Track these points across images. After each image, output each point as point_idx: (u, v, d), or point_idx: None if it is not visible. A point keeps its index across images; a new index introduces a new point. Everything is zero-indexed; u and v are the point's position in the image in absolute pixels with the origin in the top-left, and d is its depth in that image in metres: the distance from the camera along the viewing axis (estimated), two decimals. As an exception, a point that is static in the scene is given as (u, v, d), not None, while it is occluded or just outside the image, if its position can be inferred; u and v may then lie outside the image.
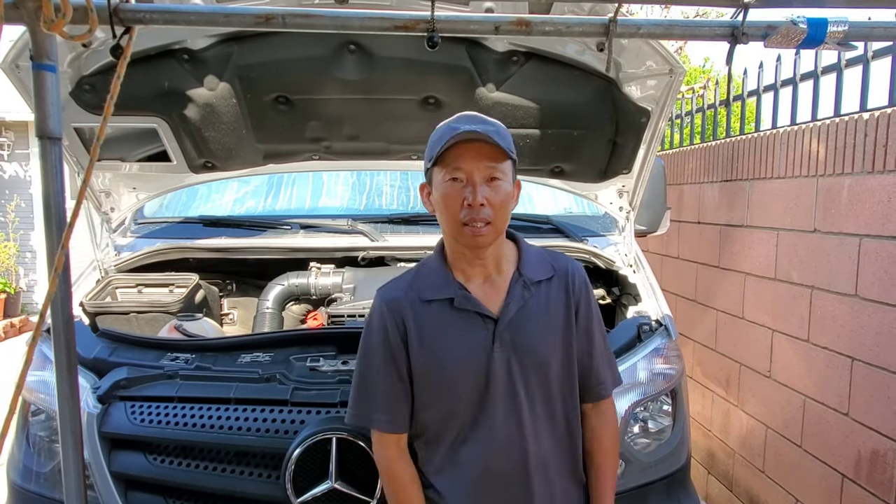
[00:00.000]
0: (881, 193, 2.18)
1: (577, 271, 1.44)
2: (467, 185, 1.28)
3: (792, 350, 2.70)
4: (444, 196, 1.30)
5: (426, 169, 1.36)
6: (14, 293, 8.03)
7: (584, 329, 1.42)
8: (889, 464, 2.14)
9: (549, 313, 1.37)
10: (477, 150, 1.27)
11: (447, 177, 1.29)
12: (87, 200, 2.46)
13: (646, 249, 3.59)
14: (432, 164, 1.31)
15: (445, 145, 1.27)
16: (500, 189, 1.30)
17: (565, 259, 1.46)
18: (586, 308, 1.43)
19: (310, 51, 2.01)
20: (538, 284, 1.38)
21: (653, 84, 2.07)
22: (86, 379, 1.79)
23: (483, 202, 1.27)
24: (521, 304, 1.35)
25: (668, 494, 1.87)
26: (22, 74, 1.86)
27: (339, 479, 1.56)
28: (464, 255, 1.37)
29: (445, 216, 1.32)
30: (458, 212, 1.29)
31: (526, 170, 2.50)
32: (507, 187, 1.32)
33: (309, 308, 2.65)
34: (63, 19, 1.14)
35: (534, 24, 1.31)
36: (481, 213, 1.27)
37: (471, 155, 1.28)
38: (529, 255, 1.42)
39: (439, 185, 1.31)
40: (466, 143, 1.27)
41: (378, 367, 1.37)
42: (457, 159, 1.28)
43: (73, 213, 1.21)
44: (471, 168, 1.28)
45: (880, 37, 1.43)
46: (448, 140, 1.26)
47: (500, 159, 1.30)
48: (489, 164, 1.28)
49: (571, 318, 1.39)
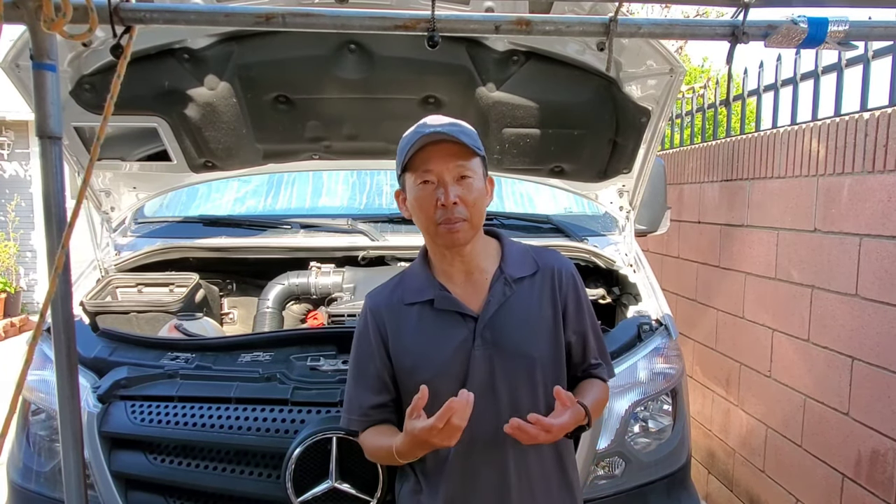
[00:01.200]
0: (881, 193, 2.18)
1: (565, 268, 1.43)
2: (439, 186, 1.29)
3: (792, 350, 2.70)
4: (418, 199, 1.31)
5: (398, 176, 1.37)
6: (14, 293, 8.03)
7: (576, 326, 1.42)
8: (889, 463, 2.14)
9: (531, 310, 1.37)
10: (444, 150, 1.29)
11: (418, 180, 1.30)
12: (88, 200, 2.46)
13: (646, 249, 3.59)
14: (403, 171, 1.33)
15: (412, 149, 1.28)
16: (472, 187, 1.31)
17: (552, 256, 1.46)
18: (576, 304, 1.42)
19: (310, 50, 2.01)
20: (520, 281, 1.38)
21: (653, 84, 2.07)
22: (86, 378, 1.79)
23: (456, 200, 1.28)
24: (501, 301, 1.35)
25: (669, 494, 1.88)
26: (22, 74, 1.86)
27: (339, 479, 1.56)
28: (444, 255, 1.37)
29: (421, 218, 1.33)
30: (432, 213, 1.30)
31: (526, 169, 2.50)
32: (479, 184, 1.32)
33: (309, 307, 2.65)
34: (63, 18, 1.14)
35: (534, 24, 1.31)
36: (455, 211, 1.28)
37: (439, 156, 1.29)
38: (512, 253, 1.42)
39: (412, 189, 1.32)
40: (433, 146, 1.28)
41: (364, 373, 1.39)
42: (425, 162, 1.29)
43: (73, 213, 1.20)
44: (440, 169, 1.29)
45: (881, 36, 1.43)
46: (414, 143, 1.28)
47: (468, 157, 1.31)
48: (458, 164, 1.29)
49: (559, 314, 1.39)
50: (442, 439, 1.16)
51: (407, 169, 1.32)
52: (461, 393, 1.15)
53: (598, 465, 1.80)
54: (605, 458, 1.80)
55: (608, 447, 1.79)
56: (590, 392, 1.41)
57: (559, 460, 1.42)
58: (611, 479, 1.81)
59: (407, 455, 1.27)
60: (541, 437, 1.19)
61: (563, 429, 1.23)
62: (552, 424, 1.19)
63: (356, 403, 1.40)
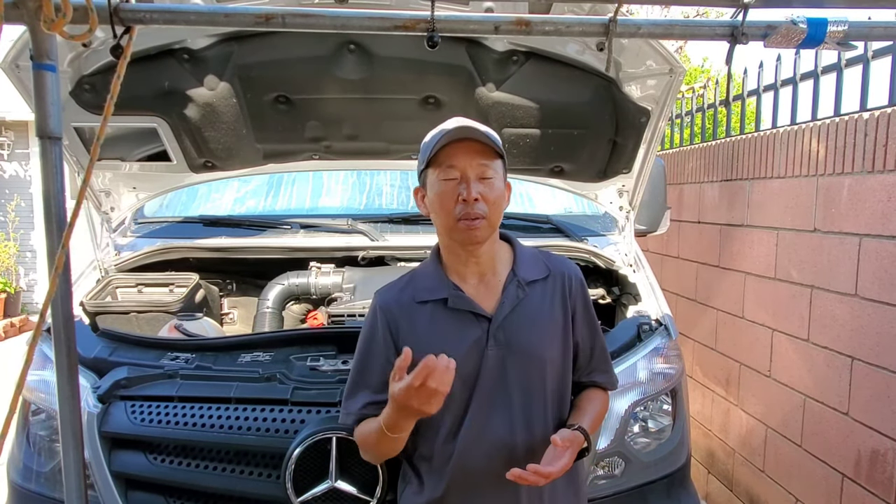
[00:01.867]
0: (881, 193, 2.18)
1: (574, 273, 1.45)
2: (461, 181, 1.30)
3: (792, 349, 2.70)
4: (440, 194, 1.31)
5: (420, 172, 1.38)
6: (14, 293, 8.03)
7: (583, 332, 1.43)
8: (889, 463, 2.14)
9: (544, 312, 1.38)
10: (469, 148, 1.30)
11: (441, 175, 1.31)
12: (87, 200, 2.46)
13: (646, 249, 3.59)
14: (426, 166, 1.33)
15: (438, 145, 1.29)
16: (494, 186, 1.32)
17: (561, 260, 1.47)
18: (584, 311, 1.44)
19: (310, 50, 2.01)
20: (532, 284, 1.39)
21: (653, 84, 2.07)
22: (86, 378, 1.79)
23: (477, 197, 1.29)
24: (515, 303, 1.36)
25: (668, 494, 1.88)
26: (22, 74, 1.86)
27: (339, 479, 1.56)
28: (458, 255, 1.37)
29: (441, 214, 1.33)
30: (452, 208, 1.30)
31: (526, 169, 2.50)
32: (500, 185, 1.34)
33: (309, 308, 2.65)
34: (63, 19, 1.14)
35: (534, 24, 1.31)
36: (476, 207, 1.29)
37: (464, 153, 1.30)
38: (524, 256, 1.43)
39: (434, 184, 1.33)
40: (458, 143, 1.29)
41: (368, 370, 1.38)
42: (450, 157, 1.30)
43: (73, 213, 1.20)
44: (464, 165, 1.30)
45: (880, 36, 1.43)
46: (440, 140, 1.29)
47: (492, 157, 1.32)
48: (482, 162, 1.30)
49: (568, 319, 1.40)
50: (420, 402, 1.15)
51: (430, 164, 1.32)
52: (441, 357, 1.15)
53: (598, 465, 1.80)
54: (605, 458, 1.80)
55: (608, 447, 1.79)
56: (590, 407, 1.43)
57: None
58: (610, 479, 1.81)
59: (393, 426, 1.25)
60: (542, 481, 1.22)
61: (564, 468, 1.25)
62: (552, 472, 1.22)
63: (355, 401, 1.39)
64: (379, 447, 1.34)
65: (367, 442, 1.37)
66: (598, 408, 1.45)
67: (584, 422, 1.36)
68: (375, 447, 1.35)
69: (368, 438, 1.35)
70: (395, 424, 1.24)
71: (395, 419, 1.23)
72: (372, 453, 1.40)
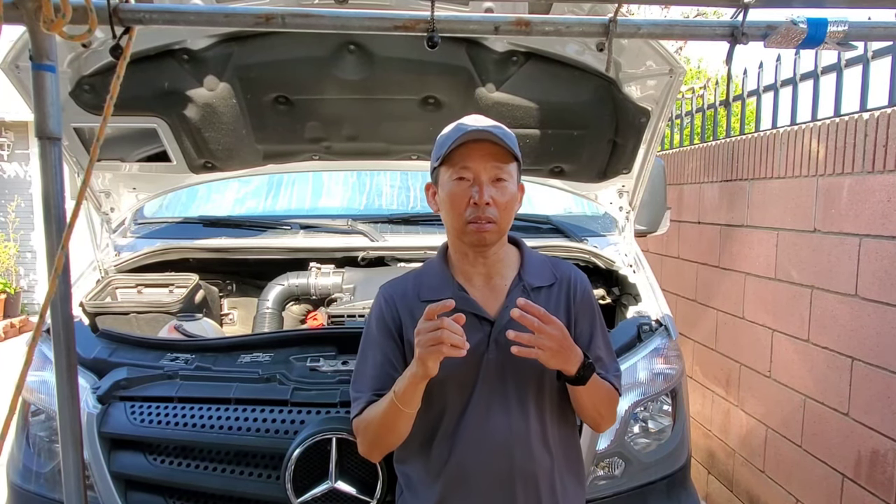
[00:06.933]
0: (881, 193, 2.18)
1: (581, 281, 1.43)
2: (474, 184, 1.30)
3: (792, 350, 2.70)
4: (451, 195, 1.31)
5: (433, 168, 1.37)
6: (14, 293, 8.03)
7: (588, 340, 1.41)
8: (889, 464, 2.14)
9: None
10: (484, 150, 1.29)
11: (454, 175, 1.31)
12: (87, 200, 2.46)
13: (646, 249, 3.59)
14: (439, 164, 1.33)
15: (453, 144, 1.28)
16: (506, 190, 1.31)
17: (568, 267, 1.46)
18: (590, 318, 1.42)
19: (310, 51, 2.01)
20: (538, 291, 1.38)
21: (653, 84, 2.07)
22: (86, 379, 1.79)
23: (489, 201, 1.28)
24: None
25: (668, 494, 1.87)
26: (22, 74, 1.86)
27: (338, 479, 1.56)
28: (466, 255, 1.37)
29: (451, 214, 1.33)
30: (463, 210, 1.30)
31: (526, 170, 2.49)
32: (513, 189, 1.33)
33: (309, 308, 2.65)
34: (63, 19, 1.14)
35: (533, 24, 1.31)
36: (487, 211, 1.28)
37: (478, 154, 1.29)
38: (531, 261, 1.43)
39: (446, 183, 1.32)
40: (474, 143, 1.28)
41: (374, 359, 1.37)
42: (464, 158, 1.29)
43: (73, 213, 1.20)
44: (478, 167, 1.29)
45: (880, 37, 1.43)
46: (456, 139, 1.28)
47: (507, 160, 1.31)
48: (496, 165, 1.30)
49: (571, 326, 1.38)
50: (425, 343, 1.16)
51: (444, 163, 1.31)
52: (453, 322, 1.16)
53: (598, 466, 1.80)
54: (605, 459, 1.80)
55: (608, 447, 1.79)
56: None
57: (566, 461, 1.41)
58: (610, 480, 1.81)
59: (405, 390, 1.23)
60: (535, 323, 1.20)
61: (554, 324, 1.22)
62: (541, 311, 1.20)
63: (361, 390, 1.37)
64: (384, 425, 1.30)
65: (372, 423, 1.33)
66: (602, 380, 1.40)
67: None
68: (381, 426, 1.31)
69: (373, 420, 1.32)
70: (408, 387, 1.23)
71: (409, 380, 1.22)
72: (375, 438, 1.35)
